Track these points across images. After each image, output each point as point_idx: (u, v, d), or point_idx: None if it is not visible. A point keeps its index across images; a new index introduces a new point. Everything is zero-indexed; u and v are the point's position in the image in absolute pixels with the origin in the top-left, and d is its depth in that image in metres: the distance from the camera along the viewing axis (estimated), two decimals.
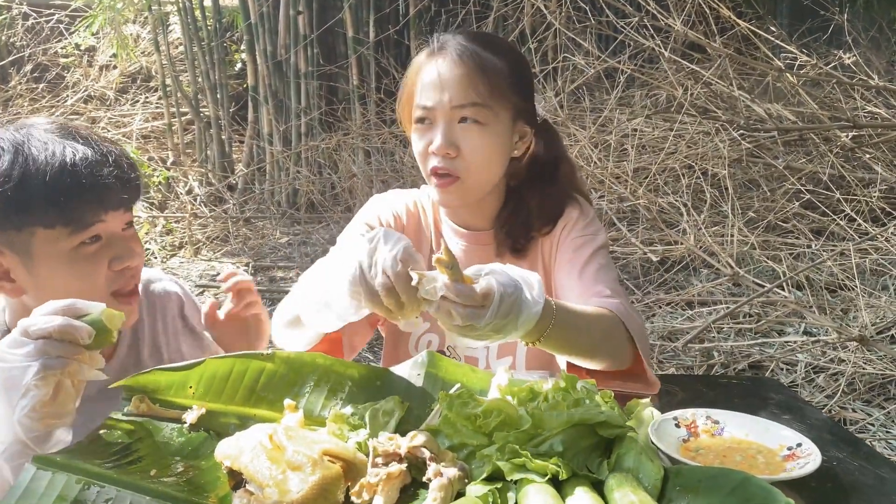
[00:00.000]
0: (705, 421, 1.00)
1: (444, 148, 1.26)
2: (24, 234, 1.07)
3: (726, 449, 0.94)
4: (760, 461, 0.91)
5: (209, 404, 0.94)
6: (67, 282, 1.10)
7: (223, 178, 5.11)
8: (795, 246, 3.58)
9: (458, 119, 1.27)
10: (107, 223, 1.11)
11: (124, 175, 1.12)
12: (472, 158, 1.28)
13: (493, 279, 0.94)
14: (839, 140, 4.06)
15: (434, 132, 1.28)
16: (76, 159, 1.07)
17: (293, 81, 4.86)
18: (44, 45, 6.28)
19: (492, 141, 1.29)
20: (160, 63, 5.39)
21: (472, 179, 1.30)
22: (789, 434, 0.95)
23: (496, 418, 0.88)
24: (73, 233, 1.08)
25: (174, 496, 0.79)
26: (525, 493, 0.79)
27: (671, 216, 3.72)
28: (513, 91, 1.30)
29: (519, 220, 1.38)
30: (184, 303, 1.38)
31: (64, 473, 0.78)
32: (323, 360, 1.01)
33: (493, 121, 1.28)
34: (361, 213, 1.45)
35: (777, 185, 4.00)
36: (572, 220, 1.38)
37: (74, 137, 1.11)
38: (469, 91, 1.26)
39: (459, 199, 1.33)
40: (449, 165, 1.28)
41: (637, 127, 4.13)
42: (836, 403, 2.56)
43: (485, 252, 1.40)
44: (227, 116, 5.16)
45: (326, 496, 0.72)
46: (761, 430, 0.97)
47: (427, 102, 1.28)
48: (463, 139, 1.27)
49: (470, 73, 1.26)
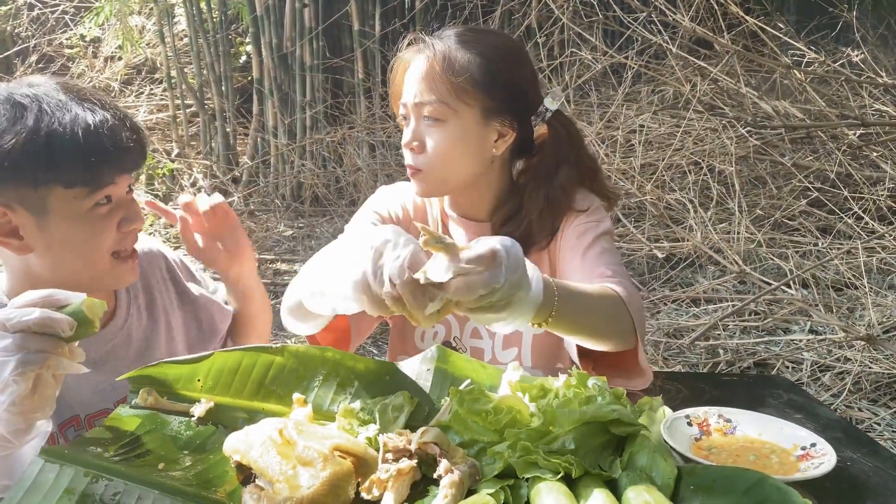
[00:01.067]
0: (717, 420, 0.99)
1: (409, 143, 1.32)
2: (41, 192, 1.08)
3: (739, 448, 0.93)
4: (774, 461, 0.90)
5: (217, 398, 0.93)
6: (80, 241, 1.12)
7: (228, 170, 5.10)
8: (802, 244, 3.56)
9: (423, 115, 1.30)
10: (117, 185, 1.13)
11: (138, 138, 1.15)
12: (433, 154, 1.31)
13: (487, 239, 0.91)
14: (847, 138, 4.04)
15: (408, 127, 1.33)
16: (97, 121, 1.09)
17: (298, 74, 4.85)
18: (49, 36, 6.27)
19: (453, 138, 1.30)
20: (165, 55, 5.38)
21: (433, 174, 1.33)
22: (803, 434, 0.94)
23: (507, 415, 0.87)
24: (91, 193, 1.10)
25: (182, 490, 0.78)
26: (537, 491, 0.78)
27: (678, 213, 3.70)
28: (482, 90, 1.28)
29: (515, 223, 1.37)
30: (168, 262, 1.39)
31: (72, 466, 0.77)
32: (332, 354, 1.00)
33: (453, 119, 1.29)
34: (369, 202, 1.46)
35: (784, 182, 3.98)
36: (575, 212, 1.38)
37: (89, 100, 1.12)
38: (431, 86, 1.28)
39: (425, 190, 1.37)
40: (414, 161, 1.33)
41: (644, 123, 4.11)
42: (843, 402, 2.55)
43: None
44: (231, 109, 5.15)
45: (337, 492, 0.71)
46: (775, 430, 0.96)
47: (402, 98, 1.33)
48: (427, 135, 1.31)
49: (431, 72, 1.28)
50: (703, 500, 0.77)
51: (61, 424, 1.17)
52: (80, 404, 1.19)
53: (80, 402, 1.19)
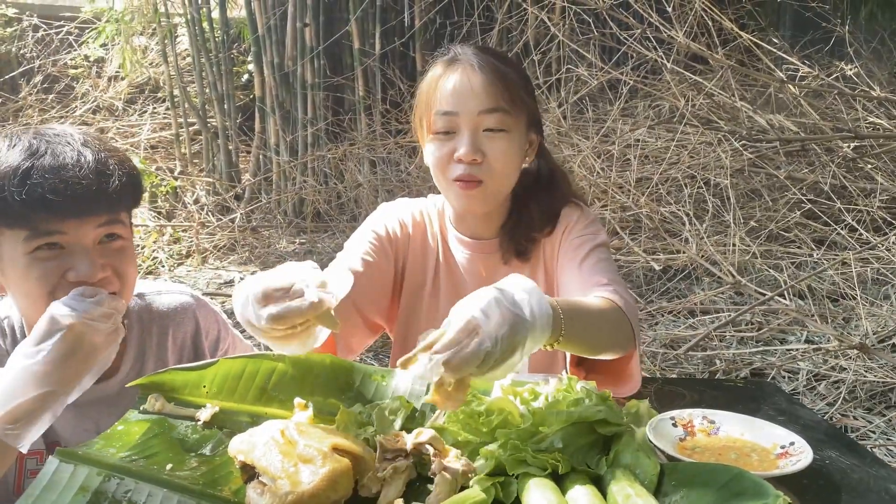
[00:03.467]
0: (702, 421, 1.03)
1: (470, 154, 1.29)
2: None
3: (721, 447, 0.97)
4: (754, 459, 0.94)
5: (222, 403, 0.98)
6: (24, 284, 1.09)
7: (230, 187, 5.17)
8: (797, 255, 3.60)
9: (484, 127, 1.30)
10: (67, 234, 1.09)
11: (98, 185, 1.09)
12: (495, 164, 1.30)
13: (460, 309, 0.88)
14: (841, 150, 4.09)
15: (458, 140, 1.30)
16: (41, 164, 1.07)
17: (300, 92, 4.92)
18: (53, 57, 6.36)
19: (512, 147, 1.32)
20: (168, 74, 5.46)
21: (493, 185, 1.33)
22: (783, 433, 0.98)
23: (498, 417, 0.91)
24: (29, 238, 1.07)
25: (190, 489, 0.83)
26: (526, 486, 0.82)
27: (673, 226, 3.75)
28: (529, 100, 1.35)
29: (523, 226, 1.41)
30: (200, 328, 1.34)
31: (85, 466, 0.81)
32: (332, 360, 1.04)
33: (513, 127, 1.32)
34: (369, 220, 1.49)
35: (779, 194, 4.03)
36: (572, 221, 1.41)
37: (72, 144, 1.11)
38: (494, 97, 1.29)
39: (481, 203, 1.35)
40: (475, 172, 1.30)
41: (640, 137, 4.17)
42: (838, 411, 2.58)
43: (490, 260, 1.44)
44: (234, 127, 5.22)
45: (336, 487, 0.75)
46: (756, 430, 1.00)
47: (450, 108, 1.30)
48: (488, 146, 1.30)
49: (493, 81, 1.29)
50: (685, 495, 0.81)
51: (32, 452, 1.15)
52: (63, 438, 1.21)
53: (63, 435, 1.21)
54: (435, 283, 1.47)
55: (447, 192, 1.37)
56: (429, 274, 1.47)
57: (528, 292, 0.90)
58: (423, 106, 1.37)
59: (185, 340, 1.32)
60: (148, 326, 1.29)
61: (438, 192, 1.45)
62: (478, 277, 1.43)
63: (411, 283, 1.47)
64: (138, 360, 1.27)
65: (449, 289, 1.46)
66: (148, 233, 4.51)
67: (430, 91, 1.35)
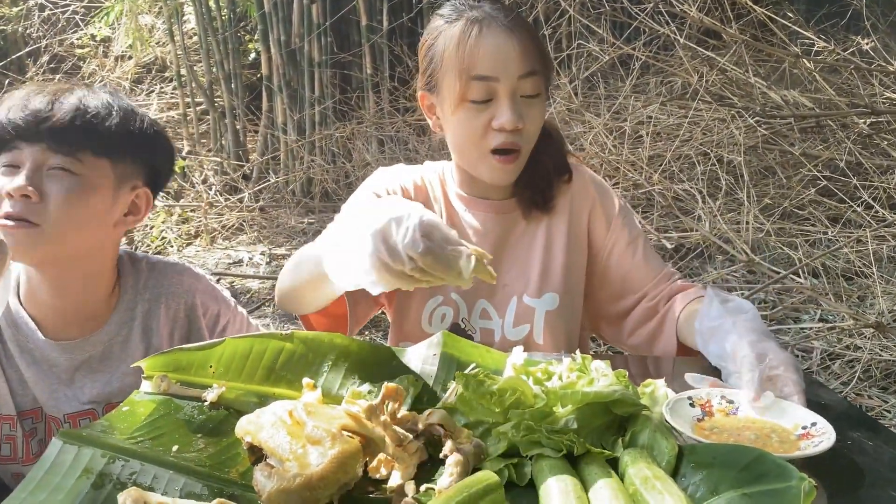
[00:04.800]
0: (720, 401, 1.00)
1: (513, 122, 1.22)
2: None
3: (740, 428, 0.95)
4: (774, 440, 0.92)
5: (229, 383, 0.96)
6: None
7: (238, 167, 5.14)
8: (811, 233, 3.55)
9: (522, 93, 1.24)
10: (22, 152, 1.17)
11: (54, 117, 1.16)
12: (532, 131, 1.26)
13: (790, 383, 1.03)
14: (857, 126, 4.02)
15: (496, 108, 1.23)
16: (47, 94, 1.19)
17: (307, 70, 4.87)
18: (60, 37, 6.33)
19: (544, 111, 1.30)
20: (175, 53, 5.42)
21: (526, 151, 1.29)
22: (804, 413, 0.95)
23: (511, 396, 0.89)
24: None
25: (196, 471, 0.81)
26: (540, 468, 0.80)
27: (686, 203, 3.70)
28: (549, 60, 1.33)
29: (540, 176, 1.38)
30: (196, 304, 1.34)
31: (90, 447, 0.79)
32: (341, 340, 1.02)
33: (543, 91, 1.28)
34: (368, 183, 1.42)
35: (793, 172, 3.96)
36: (592, 191, 1.42)
37: (92, 88, 1.25)
38: (531, 61, 1.23)
39: (515, 173, 1.32)
40: (517, 139, 1.24)
41: (652, 114, 4.11)
42: (852, 390, 2.55)
43: (509, 220, 1.41)
44: (241, 106, 5.18)
45: (345, 469, 0.73)
46: (777, 410, 0.97)
47: (489, 73, 1.21)
48: (527, 112, 1.24)
49: (528, 43, 1.23)
50: (704, 477, 0.79)
51: (21, 413, 1.22)
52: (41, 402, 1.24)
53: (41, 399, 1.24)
54: None
55: (479, 163, 1.30)
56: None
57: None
58: (446, 68, 1.26)
59: (177, 313, 1.33)
60: (141, 292, 1.31)
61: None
62: (495, 238, 1.39)
63: None
64: (125, 324, 1.29)
65: None
66: (156, 213, 4.50)
67: (455, 51, 1.24)
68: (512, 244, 1.41)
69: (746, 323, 1.07)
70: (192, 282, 1.35)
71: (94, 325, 1.27)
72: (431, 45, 1.30)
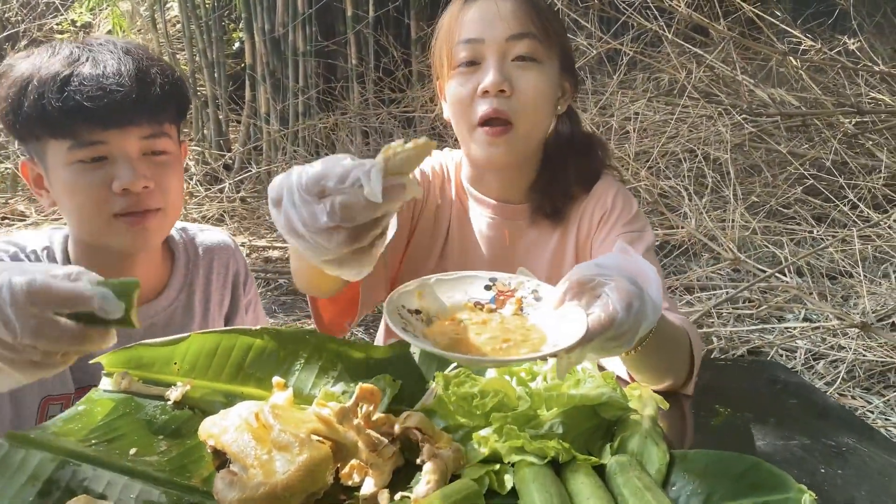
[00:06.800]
0: (527, 295, 0.84)
1: (497, 84, 1.13)
2: (42, 143, 1.10)
3: (493, 329, 0.79)
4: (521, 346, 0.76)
5: (194, 381, 0.90)
6: (71, 197, 1.10)
7: (219, 157, 5.05)
8: (796, 232, 3.54)
9: (513, 56, 1.15)
10: (110, 144, 1.08)
11: (140, 93, 1.08)
12: (526, 99, 1.15)
13: (613, 296, 0.75)
14: (842, 126, 4.01)
15: (483, 71, 1.15)
16: (84, 73, 1.06)
17: (291, 59, 4.79)
18: (39, 21, 6.19)
19: (546, 82, 1.17)
20: (157, 41, 5.31)
21: (524, 127, 1.17)
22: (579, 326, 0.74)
23: (493, 399, 0.84)
24: (73, 147, 1.08)
25: (154, 476, 0.75)
26: (523, 476, 0.75)
27: (672, 200, 3.67)
28: (562, 37, 1.22)
29: (559, 183, 1.26)
30: (239, 269, 1.36)
31: (39, 451, 0.74)
32: (313, 336, 0.97)
33: (546, 60, 1.18)
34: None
35: (779, 170, 3.95)
36: (612, 200, 1.26)
37: (116, 52, 1.11)
38: (525, 21, 1.15)
39: (508, 152, 1.18)
40: (503, 106, 1.14)
41: (639, 110, 4.07)
42: (836, 391, 2.53)
43: (515, 227, 1.29)
44: (224, 95, 5.09)
45: (314, 477, 0.68)
46: (570, 319, 0.76)
47: (474, 35, 1.15)
48: (518, 76, 1.15)
49: (522, 4, 1.17)
50: (697, 486, 0.74)
51: (80, 389, 1.16)
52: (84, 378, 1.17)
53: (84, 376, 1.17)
54: (444, 253, 1.32)
55: (468, 139, 1.20)
56: (438, 241, 1.32)
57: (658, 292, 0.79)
58: (443, 42, 1.22)
59: (226, 277, 1.35)
60: (194, 259, 1.31)
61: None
62: (498, 245, 1.29)
63: (417, 248, 1.32)
64: (184, 289, 1.29)
65: (459, 259, 1.30)
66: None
67: (451, 23, 1.20)
68: (519, 254, 1.30)
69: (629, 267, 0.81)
70: (233, 248, 1.37)
71: (152, 293, 1.24)
72: (439, 23, 1.27)
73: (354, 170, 0.67)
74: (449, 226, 1.32)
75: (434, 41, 1.27)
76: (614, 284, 0.75)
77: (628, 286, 0.75)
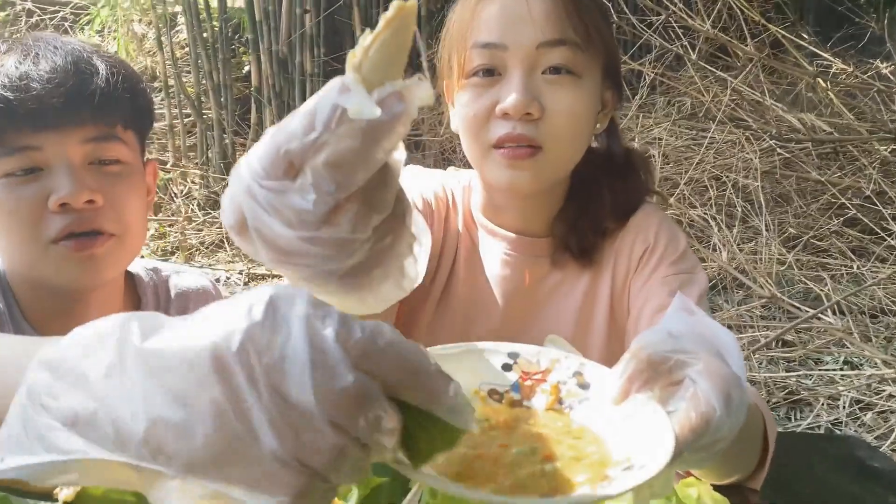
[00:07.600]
0: (569, 377, 0.58)
1: (522, 104, 0.89)
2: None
3: (540, 440, 0.52)
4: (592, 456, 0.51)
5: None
6: (2, 216, 0.89)
7: (222, 180, 4.90)
8: (831, 266, 3.29)
9: (544, 68, 0.92)
10: (45, 150, 0.89)
11: (78, 85, 0.90)
12: (558, 123, 0.91)
13: (703, 385, 0.52)
14: (878, 153, 3.79)
15: (504, 86, 0.91)
16: (10, 65, 0.89)
17: (298, 80, 4.66)
18: None
19: (584, 101, 0.94)
20: (163, 63, 5.21)
21: (554, 155, 0.93)
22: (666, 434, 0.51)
23: None
24: (1, 157, 0.88)
25: None
26: None
27: (698, 230, 3.44)
28: (606, 32, 0.97)
29: (590, 216, 1.03)
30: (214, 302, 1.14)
31: None
32: None
33: (585, 72, 0.93)
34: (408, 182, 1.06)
35: (812, 199, 3.72)
36: (652, 236, 1.02)
37: (53, 45, 0.93)
38: (560, 25, 0.91)
39: (534, 179, 0.94)
40: (529, 132, 0.90)
41: (661, 135, 3.88)
42: (890, 447, 2.26)
43: (536, 263, 1.05)
44: (230, 119, 4.96)
45: None
46: (640, 419, 0.53)
47: (494, 39, 0.91)
48: (549, 95, 0.91)
49: (559, 5, 0.91)
50: None
51: None
52: None
53: None
54: (447, 291, 1.08)
55: (483, 162, 0.96)
56: (441, 276, 1.08)
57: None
58: (453, 41, 0.98)
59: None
60: (164, 305, 1.09)
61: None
62: (515, 287, 1.05)
63: (413, 291, 1.07)
64: None
65: (465, 305, 1.07)
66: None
67: (466, 18, 0.96)
68: (539, 299, 1.06)
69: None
70: (215, 295, 1.17)
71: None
72: (448, 18, 1.02)
73: (320, 105, 0.44)
74: (454, 264, 1.07)
75: (442, 38, 1.02)
76: (702, 367, 0.52)
77: (721, 369, 0.53)
